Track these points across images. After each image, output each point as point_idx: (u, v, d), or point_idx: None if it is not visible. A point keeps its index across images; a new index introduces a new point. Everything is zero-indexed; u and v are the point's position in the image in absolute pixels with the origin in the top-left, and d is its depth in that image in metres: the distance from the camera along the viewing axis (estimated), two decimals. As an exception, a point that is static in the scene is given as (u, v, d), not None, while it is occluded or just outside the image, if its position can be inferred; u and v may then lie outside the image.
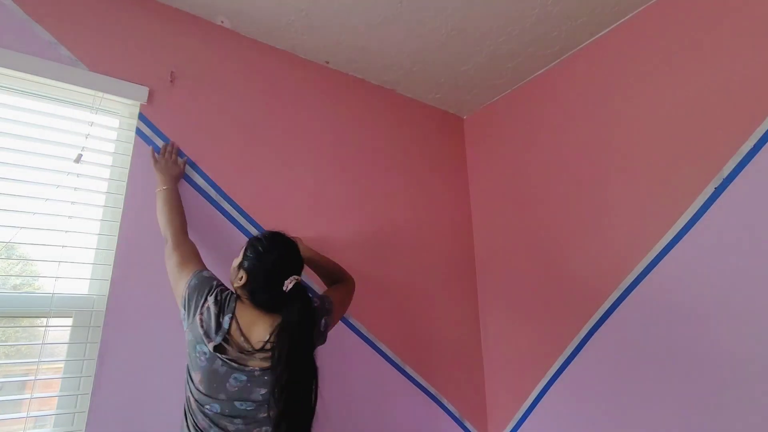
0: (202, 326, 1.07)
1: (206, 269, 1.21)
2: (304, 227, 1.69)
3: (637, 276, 1.48)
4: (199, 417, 1.06)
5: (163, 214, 1.31)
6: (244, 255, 1.19)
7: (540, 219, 1.85)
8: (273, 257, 1.16)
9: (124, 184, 1.39)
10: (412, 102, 2.20)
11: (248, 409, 1.06)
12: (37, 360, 1.20)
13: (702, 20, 1.43)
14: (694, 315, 1.32)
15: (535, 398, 1.75)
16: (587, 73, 1.77)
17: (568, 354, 1.65)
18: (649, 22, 1.58)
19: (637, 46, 1.60)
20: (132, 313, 1.31)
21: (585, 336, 1.61)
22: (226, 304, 1.11)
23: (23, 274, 1.31)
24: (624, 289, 1.51)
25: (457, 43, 1.80)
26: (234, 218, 1.55)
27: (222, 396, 1.05)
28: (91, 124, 1.40)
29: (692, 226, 1.36)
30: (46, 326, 1.24)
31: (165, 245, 1.27)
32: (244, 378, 1.06)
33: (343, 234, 1.79)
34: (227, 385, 1.05)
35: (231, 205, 1.56)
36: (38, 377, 1.20)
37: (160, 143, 1.47)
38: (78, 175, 1.35)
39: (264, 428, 1.07)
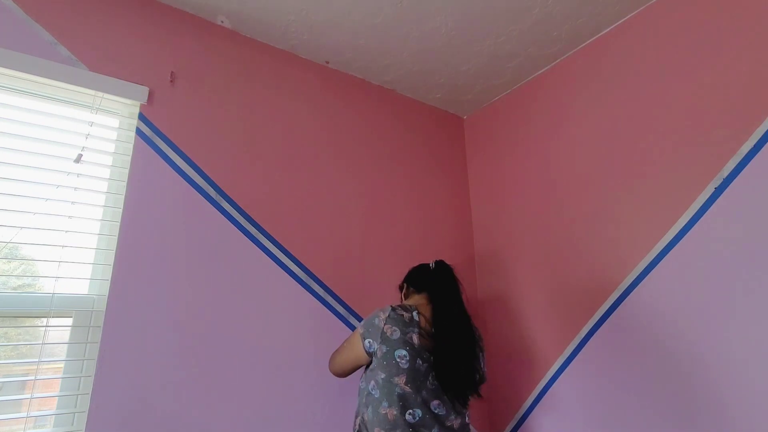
0: (393, 333, 1.23)
1: None
2: (304, 227, 1.69)
3: (638, 276, 1.48)
4: None
5: None
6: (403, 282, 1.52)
7: (540, 219, 1.85)
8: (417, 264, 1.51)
9: (124, 184, 1.39)
10: (412, 102, 2.20)
11: (441, 414, 1.21)
12: (37, 360, 1.20)
13: (702, 20, 1.43)
14: (694, 315, 1.32)
15: (536, 398, 1.75)
16: (587, 73, 1.77)
17: (569, 354, 1.65)
18: (649, 22, 1.58)
19: (637, 46, 1.60)
20: (132, 313, 1.31)
21: (585, 336, 1.61)
22: (407, 308, 1.30)
23: (23, 274, 1.31)
24: (624, 289, 1.51)
25: (457, 43, 1.80)
26: (234, 218, 1.55)
27: (425, 394, 1.19)
28: (91, 124, 1.40)
29: (692, 226, 1.36)
30: (46, 326, 1.24)
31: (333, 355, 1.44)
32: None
33: (343, 234, 1.79)
34: (427, 383, 1.21)
35: (231, 205, 1.56)
36: (38, 377, 1.20)
37: (160, 143, 1.47)
38: (78, 175, 1.35)
39: None
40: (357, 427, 1.25)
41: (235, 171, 1.60)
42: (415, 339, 1.22)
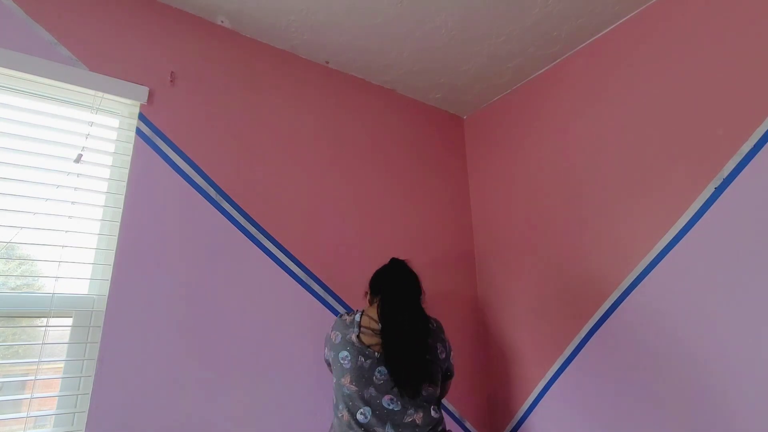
0: (336, 337, 1.27)
1: None
2: (304, 227, 1.69)
3: (637, 276, 1.48)
4: None
5: None
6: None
7: (540, 219, 1.85)
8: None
9: (124, 184, 1.40)
10: (412, 102, 2.20)
11: (395, 410, 1.18)
12: (37, 360, 1.20)
13: (701, 20, 1.43)
14: (694, 316, 1.32)
15: (535, 398, 1.75)
16: (587, 73, 1.77)
17: (568, 354, 1.65)
18: (648, 22, 1.58)
19: (637, 46, 1.60)
20: (132, 313, 1.31)
21: (585, 336, 1.61)
22: (353, 313, 1.32)
23: (23, 274, 1.31)
24: (624, 289, 1.51)
25: (457, 43, 1.80)
26: (234, 218, 1.55)
27: (372, 391, 1.18)
28: (91, 124, 1.40)
29: (692, 226, 1.36)
30: (46, 326, 1.24)
31: None
32: (386, 371, 1.20)
33: (343, 234, 1.79)
34: (374, 378, 1.19)
35: (231, 205, 1.56)
36: (38, 377, 1.20)
37: (160, 143, 1.47)
38: (78, 175, 1.35)
39: None
40: None
41: (235, 171, 1.60)
42: (354, 338, 1.23)
